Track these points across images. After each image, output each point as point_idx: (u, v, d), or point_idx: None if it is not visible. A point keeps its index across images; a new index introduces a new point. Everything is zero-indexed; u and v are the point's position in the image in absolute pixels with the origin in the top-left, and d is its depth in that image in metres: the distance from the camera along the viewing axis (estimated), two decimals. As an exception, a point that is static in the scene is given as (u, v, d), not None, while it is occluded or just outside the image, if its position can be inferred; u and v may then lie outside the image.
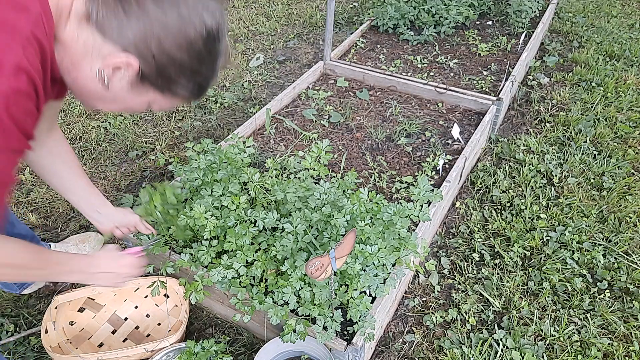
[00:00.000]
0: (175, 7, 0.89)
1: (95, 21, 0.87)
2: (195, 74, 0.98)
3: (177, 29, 0.90)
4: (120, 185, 2.55)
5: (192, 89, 1.01)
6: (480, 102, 2.77)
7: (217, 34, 0.96)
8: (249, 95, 3.27)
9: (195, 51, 0.93)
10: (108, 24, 0.87)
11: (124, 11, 0.86)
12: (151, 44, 0.89)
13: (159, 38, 0.89)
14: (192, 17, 0.91)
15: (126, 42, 0.88)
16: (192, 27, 0.91)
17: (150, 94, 0.99)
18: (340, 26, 4.12)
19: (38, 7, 0.81)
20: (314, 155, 1.84)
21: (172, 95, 1.01)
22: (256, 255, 1.67)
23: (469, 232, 2.29)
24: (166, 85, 0.97)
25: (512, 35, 3.58)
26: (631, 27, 4.04)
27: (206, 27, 0.93)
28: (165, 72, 0.94)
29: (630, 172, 2.60)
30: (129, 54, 0.89)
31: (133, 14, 0.87)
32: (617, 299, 2.01)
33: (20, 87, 0.79)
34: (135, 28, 0.87)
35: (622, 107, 3.04)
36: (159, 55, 0.91)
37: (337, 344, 1.55)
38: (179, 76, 0.96)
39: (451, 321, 1.93)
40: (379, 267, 1.59)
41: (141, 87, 0.97)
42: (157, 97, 1.01)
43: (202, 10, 0.92)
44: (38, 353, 1.81)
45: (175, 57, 0.92)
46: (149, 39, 0.89)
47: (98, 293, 1.84)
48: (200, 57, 0.95)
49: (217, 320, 1.92)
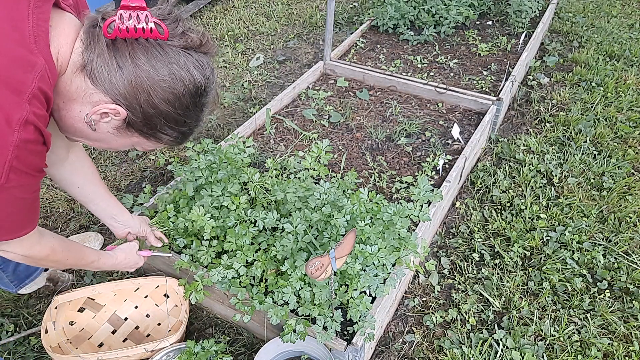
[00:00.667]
0: (167, 65, 0.94)
1: (90, 70, 0.93)
2: (180, 124, 1.04)
3: (167, 85, 0.95)
4: (120, 185, 2.55)
5: (175, 136, 1.07)
6: (480, 102, 2.77)
7: (205, 89, 1.02)
8: (249, 95, 3.27)
9: (182, 105, 1.00)
10: (101, 74, 0.93)
11: (118, 65, 0.92)
12: (140, 97, 0.95)
13: (148, 92, 0.95)
14: (182, 74, 0.96)
15: (116, 93, 0.94)
16: (181, 84, 0.97)
17: (134, 138, 1.05)
18: (340, 26, 4.12)
19: (42, 61, 0.88)
20: (314, 155, 1.84)
21: (156, 141, 1.07)
22: (256, 255, 1.67)
23: (469, 232, 2.29)
24: (151, 133, 1.03)
25: (512, 35, 3.58)
26: (631, 27, 4.04)
27: (195, 84, 0.99)
28: (151, 122, 1.00)
29: (630, 172, 2.60)
30: (117, 104, 0.95)
31: (126, 68, 0.92)
32: (617, 299, 2.01)
33: (29, 137, 0.87)
34: (126, 81, 0.93)
35: (622, 107, 3.04)
36: (146, 108, 0.97)
37: (337, 344, 1.55)
38: (164, 126, 1.02)
39: (451, 321, 1.93)
40: (379, 267, 1.59)
41: (126, 132, 1.02)
42: (141, 140, 1.06)
43: (192, 67, 0.98)
44: (38, 353, 1.82)
45: (162, 110, 0.98)
46: (138, 92, 0.94)
47: (98, 293, 1.84)
48: (186, 111, 1.01)
49: (217, 320, 1.92)
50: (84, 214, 2.38)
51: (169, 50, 0.95)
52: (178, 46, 0.96)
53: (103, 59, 0.92)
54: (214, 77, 1.05)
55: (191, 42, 0.97)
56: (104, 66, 0.92)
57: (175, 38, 0.96)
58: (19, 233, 1.05)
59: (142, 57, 0.93)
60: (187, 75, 0.97)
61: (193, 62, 0.98)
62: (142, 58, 0.93)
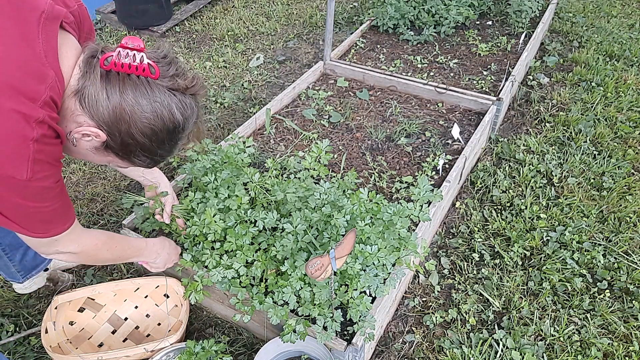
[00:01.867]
0: (151, 102, 1.04)
1: (81, 96, 1.03)
2: (154, 154, 1.15)
3: (147, 121, 1.05)
4: (120, 185, 2.55)
5: (148, 162, 1.19)
6: (480, 102, 2.77)
7: (183, 127, 1.13)
8: (249, 95, 3.27)
9: (158, 139, 1.10)
10: (90, 101, 1.03)
11: (107, 95, 1.02)
12: (121, 126, 1.05)
13: (129, 124, 1.04)
14: (163, 113, 1.06)
15: (100, 119, 1.04)
16: (161, 121, 1.07)
17: (110, 157, 1.16)
18: (340, 26, 4.12)
19: (53, 74, 0.99)
20: (314, 155, 1.84)
21: (130, 163, 1.18)
22: (256, 255, 1.67)
23: (469, 232, 2.29)
24: (126, 156, 1.14)
25: (512, 35, 3.58)
26: (631, 27, 4.04)
27: (174, 122, 1.09)
28: (128, 149, 1.11)
29: (630, 172, 2.60)
30: (99, 129, 1.05)
31: (113, 99, 1.02)
32: (617, 299, 2.01)
33: (45, 132, 0.98)
34: (111, 110, 1.03)
35: (622, 107, 3.03)
36: (125, 137, 1.07)
37: (337, 344, 1.55)
38: (138, 153, 1.13)
39: (451, 321, 1.93)
40: (379, 267, 1.59)
41: (104, 152, 1.13)
42: (116, 160, 1.17)
43: (175, 107, 1.08)
44: (38, 353, 1.82)
45: (139, 141, 1.08)
46: (120, 122, 1.04)
47: (98, 293, 1.84)
48: (161, 144, 1.12)
49: (217, 320, 1.92)
50: (83, 214, 2.38)
51: (156, 90, 1.05)
52: (165, 87, 1.06)
53: (95, 88, 1.02)
54: (195, 116, 1.15)
55: (178, 85, 1.08)
56: (94, 94, 1.02)
57: (165, 79, 1.06)
58: (64, 225, 1.17)
59: (129, 92, 1.02)
60: (168, 114, 1.07)
61: (176, 102, 1.08)
62: (130, 93, 1.02)
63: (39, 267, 1.95)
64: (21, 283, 1.95)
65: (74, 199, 2.47)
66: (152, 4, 3.84)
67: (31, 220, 1.09)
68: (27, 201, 1.03)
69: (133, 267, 2.12)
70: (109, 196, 2.47)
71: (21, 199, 1.01)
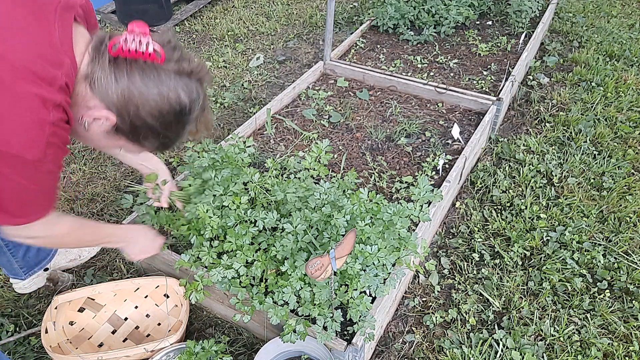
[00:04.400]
0: (157, 85, 1.08)
1: (91, 80, 1.07)
2: (162, 137, 1.18)
3: (154, 102, 1.09)
4: (120, 185, 2.55)
5: (157, 145, 1.21)
6: (480, 102, 2.77)
7: (189, 110, 1.15)
8: (249, 95, 3.27)
9: (165, 121, 1.13)
10: (99, 85, 1.06)
11: (115, 79, 1.05)
12: (130, 108, 1.08)
13: (137, 106, 1.08)
14: (170, 95, 1.10)
15: (110, 102, 1.07)
16: (168, 103, 1.10)
17: (121, 141, 1.18)
18: (340, 26, 4.12)
19: (68, 60, 1.04)
20: (314, 155, 1.84)
21: (141, 146, 1.21)
22: (256, 255, 1.67)
23: (469, 232, 2.29)
24: (136, 139, 1.17)
25: (512, 35, 3.58)
26: (631, 27, 4.04)
27: (180, 104, 1.12)
28: (137, 131, 1.14)
29: (630, 172, 2.60)
30: (109, 111, 1.08)
31: (121, 82, 1.06)
32: (617, 299, 2.01)
33: (61, 116, 1.03)
34: (120, 93, 1.06)
35: (622, 107, 3.03)
36: (134, 118, 1.10)
37: (337, 344, 1.55)
38: (148, 135, 1.16)
39: (451, 321, 1.93)
40: (379, 267, 1.59)
41: (114, 136, 1.16)
42: (127, 144, 1.19)
43: (180, 89, 1.11)
44: (38, 353, 1.82)
45: (147, 122, 1.11)
46: (128, 104, 1.07)
47: (98, 293, 1.84)
48: (169, 126, 1.15)
49: (217, 320, 1.92)
50: (83, 214, 2.38)
51: (162, 73, 1.08)
52: (171, 70, 1.09)
53: (104, 72, 1.06)
54: (201, 99, 1.18)
55: (183, 69, 1.11)
56: (103, 78, 1.06)
57: (170, 63, 1.09)
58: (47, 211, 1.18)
59: (137, 75, 1.06)
60: (174, 97, 1.10)
61: (182, 86, 1.11)
62: (137, 76, 1.06)
63: (42, 263, 1.96)
64: (23, 280, 1.95)
65: (74, 199, 2.47)
66: (152, 4, 3.85)
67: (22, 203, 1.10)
68: (30, 183, 1.05)
69: (133, 267, 2.12)
70: (109, 196, 2.47)
71: (24, 179, 1.04)
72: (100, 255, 2.20)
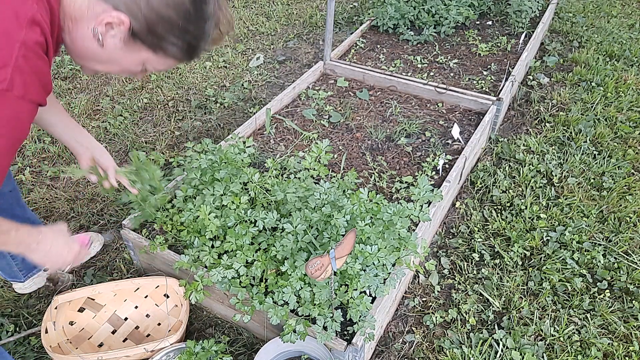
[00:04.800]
0: None
1: None
2: (184, 32, 1.03)
3: None
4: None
5: (182, 47, 1.06)
6: (480, 102, 2.77)
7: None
8: (249, 95, 3.27)
9: (182, 10, 0.99)
10: None
11: None
12: (140, 2, 0.96)
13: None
14: None
15: (117, 1, 0.96)
16: None
17: (143, 53, 1.05)
18: (340, 26, 4.12)
19: None
20: (314, 155, 1.84)
21: (164, 55, 1.06)
22: (256, 255, 1.67)
23: (469, 232, 2.29)
24: (157, 43, 1.03)
25: (512, 35, 3.58)
26: (631, 27, 4.04)
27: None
28: (155, 30, 1.00)
29: (630, 172, 2.60)
30: (119, 11, 0.96)
31: None
32: (617, 299, 2.01)
33: (37, 39, 0.87)
34: None
35: (622, 107, 3.03)
36: (148, 13, 0.97)
37: (337, 344, 1.55)
38: (168, 34, 1.02)
39: (451, 321, 1.93)
40: (379, 267, 1.59)
41: (133, 45, 1.03)
42: (150, 56, 1.06)
43: None
44: (38, 353, 1.82)
45: (163, 14, 0.98)
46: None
47: (98, 293, 1.84)
48: (187, 16, 1.01)
49: (217, 320, 1.92)
50: (84, 214, 2.38)
51: None
52: None
53: None
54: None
55: None
56: None
57: None
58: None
59: None
60: None
61: None
62: None
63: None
64: (22, 282, 1.95)
65: (74, 199, 2.47)
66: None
67: None
68: None
69: (133, 267, 2.12)
70: (109, 196, 2.47)
71: None
72: (100, 255, 2.20)
